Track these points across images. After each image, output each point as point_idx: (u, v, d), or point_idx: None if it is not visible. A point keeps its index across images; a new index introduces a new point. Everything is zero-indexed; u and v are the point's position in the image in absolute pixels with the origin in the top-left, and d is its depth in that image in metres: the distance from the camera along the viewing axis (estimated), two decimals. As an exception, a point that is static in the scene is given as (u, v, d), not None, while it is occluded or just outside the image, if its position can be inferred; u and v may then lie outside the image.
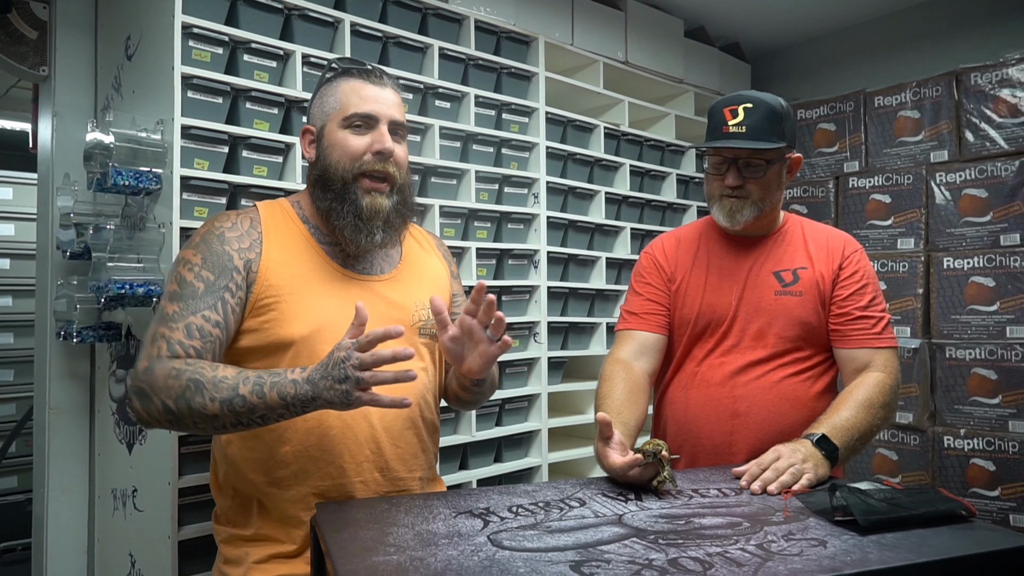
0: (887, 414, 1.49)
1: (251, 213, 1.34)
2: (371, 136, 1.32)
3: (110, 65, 2.05)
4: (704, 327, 1.60)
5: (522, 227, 2.55)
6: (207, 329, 1.22)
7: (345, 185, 1.31)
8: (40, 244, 2.16)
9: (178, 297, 1.23)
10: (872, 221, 2.88)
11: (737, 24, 3.34)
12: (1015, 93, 2.59)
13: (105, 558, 2.04)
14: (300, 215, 1.37)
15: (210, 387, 1.13)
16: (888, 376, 1.51)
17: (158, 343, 1.20)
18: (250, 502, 1.31)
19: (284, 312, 1.26)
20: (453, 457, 2.28)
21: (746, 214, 1.55)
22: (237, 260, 1.26)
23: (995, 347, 2.52)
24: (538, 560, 0.95)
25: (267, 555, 1.28)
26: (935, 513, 1.09)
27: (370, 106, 1.32)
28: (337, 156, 1.31)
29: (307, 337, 1.26)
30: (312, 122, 1.36)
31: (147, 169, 1.72)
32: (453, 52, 2.32)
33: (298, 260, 1.30)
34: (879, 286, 1.61)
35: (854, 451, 1.42)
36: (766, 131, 1.49)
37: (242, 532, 1.31)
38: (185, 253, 1.28)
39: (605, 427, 1.31)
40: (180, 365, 1.16)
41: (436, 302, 1.25)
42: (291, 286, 1.28)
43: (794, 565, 0.92)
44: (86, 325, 1.91)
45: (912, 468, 2.67)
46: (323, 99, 1.35)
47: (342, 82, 1.35)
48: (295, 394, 1.12)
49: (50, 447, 2.06)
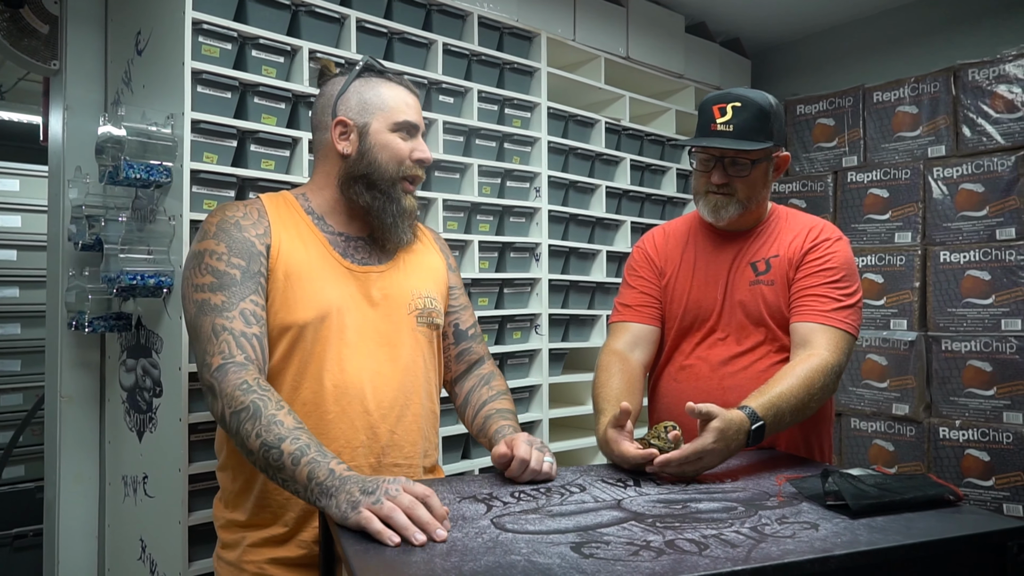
0: (823, 397, 1.44)
1: (256, 204, 1.37)
2: (412, 143, 1.39)
3: (120, 60, 2.08)
4: (692, 320, 1.63)
5: (524, 221, 2.58)
6: (259, 313, 1.27)
7: (393, 185, 1.38)
8: (51, 236, 2.19)
9: (219, 287, 1.25)
10: (870, 215, 2.91)
11: (738, 20, 3.36)
12: (1012, 89, 2.62)
13: (116, 543, 2.08)
14: (305, 207, 1.40)
15: (263, 422, 1.14)
16: (831, 356, 1.45)
17: (223, 336, 1.22)
18: (250, 484, 1.33)
19: (290, 298, 1.30)
20: (455, 447, 2.32)
21: (730, 211, 1.57)
22: (259, 246, 1.30)
23: (990, 340, 2.56)
24: (540, 542, 0.98)
25: (260, 539, 1.31)
26: (924, 498, 1.13)
27: (414, 116, 1.40)
28: (387, 158, 1.36)
29: (311, 322, 1.30)
30: (349, 116, 1.36)
31: (158, 162, 1.75)
32: (457, 48, 2.35)
33: (303, 248, 1.34)
34: (855, 276, 1.57)
35: (777, 431, 1.40)
36: (753, 131, 1.51)
37: (239, 518, 1.34)
38: (206, 244, 1.29)
39: (623, 415, 1.34)
40: (251, 382, 1.19)
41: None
42: (298, 273, 1.32)
43: (787, 546, 0.96)
44: (97, 315, 1.95)
45: (908, 459, 2.71)
46: (362, 96, 1.37)
47: (383, 85, 1.39)
48: (322, 481, 1.08)
49: (61, 435, 2.10)
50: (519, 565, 0.90)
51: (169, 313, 1.79)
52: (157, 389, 1.82)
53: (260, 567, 1.30)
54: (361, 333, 1.34)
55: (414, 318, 1.41)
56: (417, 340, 1.41)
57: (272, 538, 1.31)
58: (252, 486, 1.33)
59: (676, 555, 0.93)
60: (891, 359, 2.77)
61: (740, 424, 1.29)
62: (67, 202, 2.07)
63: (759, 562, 0.90)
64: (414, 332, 1.41)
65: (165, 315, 1.81)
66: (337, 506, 1.05)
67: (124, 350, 2.02)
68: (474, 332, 1.57)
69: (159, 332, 1.83)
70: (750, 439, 1.31)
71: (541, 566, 0.89)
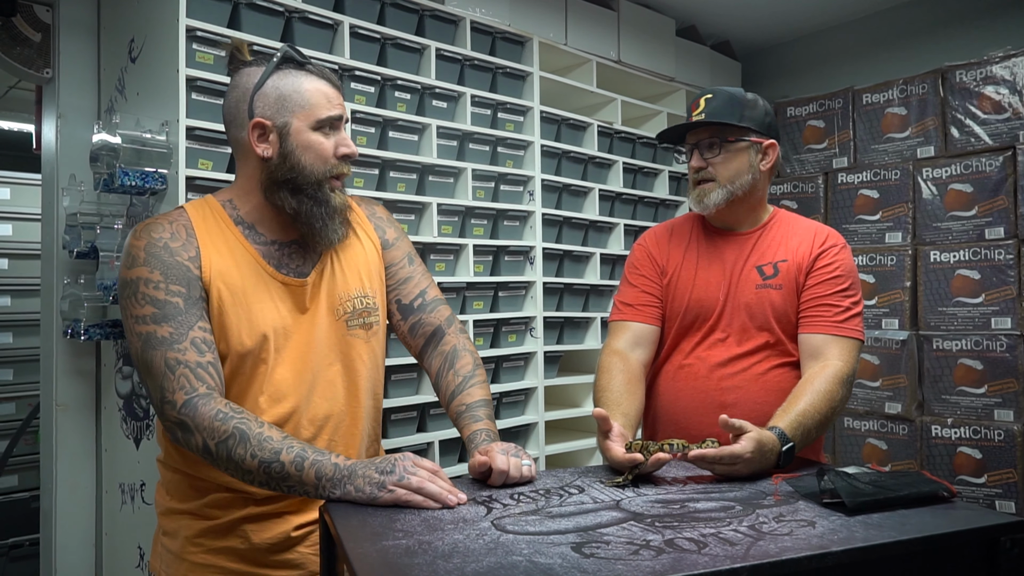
0: (842, 408, 1.49)
1: (182, 220, 1.28)
2: (336, 139, 1.32)
3: (113, 67, 2.08)
4: (692, 320, 1.64)
5: (518, 224, 2.59)
6: (208, 339, 1.22)
7: (319, 187, 1.31)
8: (45, 244, 2.19)
9: (163, 318, 1.20)
10: (860, 216, 2.93)
11: (728, 23, 3.39)
12: (999, 90, 2.65)
13: (114, 551, 2.08)
14: (234, 216, 1.32)
15: (254, 443, 1.15)
16: (846, 366, 1.51)
17: (180, 371, 1.19)
18: (191, 477, 1.32)
19: (226, 324, 1.26)
20: (452, 450, 2.33)
21: (714, 197, 1.60)
22: (193, 270, 1.24)
23: (980, 338, 2.59)
24: (541, 542, 0.99)
25: (201, 529, 1.30)
26: (918, 494, 1.14)
27: (336, 109, 1.31)
28: (311, 159, 1.29)
29: (249, 350, 1.27)
30: (266, 115, 1.27)
31: (152, 170, 1.75)
32: (449, 53, 2.36)
33: (236, 267, 1.29)
34: (858, 282, 1.61)
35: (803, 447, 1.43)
36: (723, 113, 1.58)
37: (178, 506, 1.32)
38: (138, 271, 1.22)
39: (602, 422, 1.35)
40: (225, 409, 1.18)
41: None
42: (231, 297, 1.27)
43: (784, 544, 0.97)
44: (93, 323, 1.95)
45: (901, 457, 2.73)
46: (281, 92, 1.28)
47: (303, 78, 1.30)
48: (331, 476, 1.14)
49: (57, 444, 2.10)
50: (521, 566, 0.90)
51: (165, 320, 1.79)
52: (154, 396, 1.82)
53: (202, 557, 1.29)
54: (295, 349, 1.31)
55: (344, 323, 1.37)
56: (351, 345, 1.38)
57: (212, 528, 1.29)
58: (193, 480, 1.31)
59: (676, 554, 0.94)
60: (883, 358, 2.79)
61: (773, 444, 1.32)
62: (61, 210, 2.07)
63: (758, 559, 0.91)
64: (346, 338, 1.37)
65: (161, 322, 1.81)
66: (359, 489, 1.12)
67: (120, 358, 2.02)
68: (421, 303, 1.49)
69: (155, 339, 1.83)
70: (780, 460, 1.33)
71: (543, 566, 0.90)
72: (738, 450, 1.27)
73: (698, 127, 1.61)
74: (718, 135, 1.59)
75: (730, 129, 1.59)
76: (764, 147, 1.62)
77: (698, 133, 1.63)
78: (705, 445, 1.30)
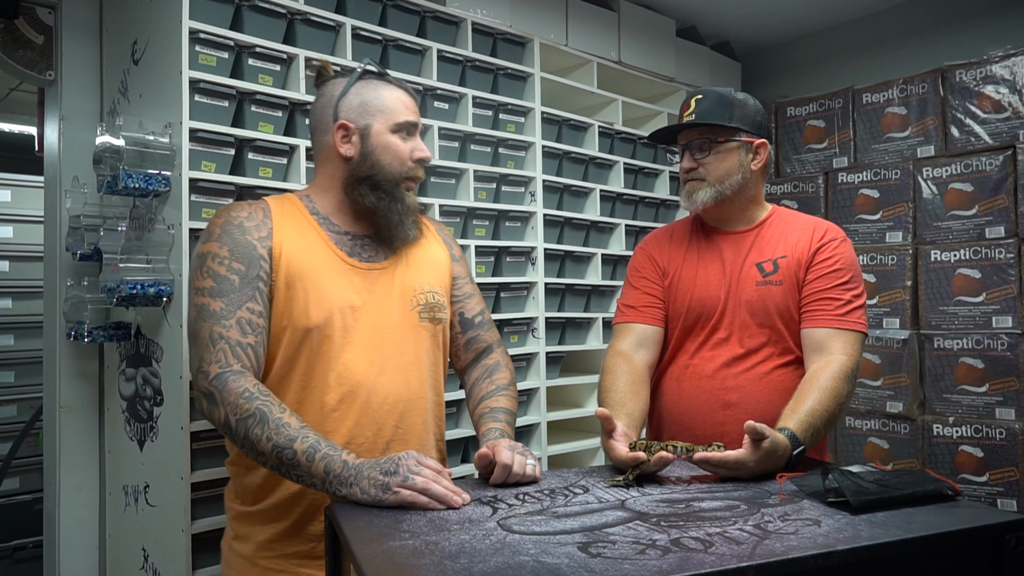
0: (848, 403, 1.50)
1: (261, 205, 1.39)
2: (412, 143, 1.43)
3: (116, 69, 2.08)
4: (695, 321, 1.65)
5: (519, 225, 2.59)
6: (255, 321, 1.30)
7: (396, 185, 1.41)
8: (48, 246, 2.19)
9: (218, 293, 1.28)
10: (861, 215, 2.94)
11: (727, 23, 3.39)
12: (999, 89, 2.65)
13: (117, 553, 2.08)
14: (310, 208, 1.42)
15: (272, 426, 1.20)
16: (849, 360, 1.51)
17: (220, 345, 1.26)
18: (259, 479, 1.35)
19: (293, 302, 1.33)
20: (455, 451, 2.33)
21: (701, 196, 1.62)
22: (260, 248, 1.32)
23: (981, 337, 2.59)
24: (547, 542, 0.99)
25: (272, 534, 1.34)
26: (922, 493, 1.15)
27: (413, 116, 1.43)
28: (389, 159, 1.40)
29: (315, 326, 1.33)
30: (349, 118, 1.39)
31: (156, 172, 1.76)
32: (451, 54, 2.37)
33: (308, 249, 1.37)
34: (860, 275, 1.61)
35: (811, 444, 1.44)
36: (712, 114, 1.60)
37: (248, 510, 1.37)
38: (209, 246, 1.32)
39: (606, 421, 1.36)
40: (252, 389, 1.23)
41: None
42: (300, 276, 1.34)
43: (790, 543, 0.97)
44: (96, 325, 1.95)
45: (903, 456, 2.73)
46: (363, 98, 1.40)
47: (383, 87, 1.42)
48: (339, 473, 1.17)
49: (61, 445, 2.10)
50: (528, 566, 0.91)
51: (169, 322, 1.80)
52: (158, 398, 1.82)
53: (275, 562, 1.34)
54: (365, 331, 1.37)
55: (416, 314, 1.43)
56: (420, 336, 1.43)
57: (282, 532, 1.34)
58: (261, 481, 1.35)
59: (682, 553, 0.94)
60: (884, 357, 2.79)
61: (784, 449, 1.33)
62: (64, 212, 2.07)
63: (764, 558, 0.91)
64: (417, 328, 1.43)
65: (165, 324, 1.81)
66: (364, 491, 1.14)
67: (123, 359, 2.03)
68: (481, 320, 1.59)
69: (159, 341, 1.84)
70: (790, 462, 1.34)
71: (550, 566, 0.90)
72: (743, 456, 1.28)
73: (688, 128, 1.63)
74: (708, 136, 1.61)
75: (720, 130, 1.60)
76: (755, 146, 1.63)
77: (689, 134, 1.65)
78: (711, 449, 1.31)
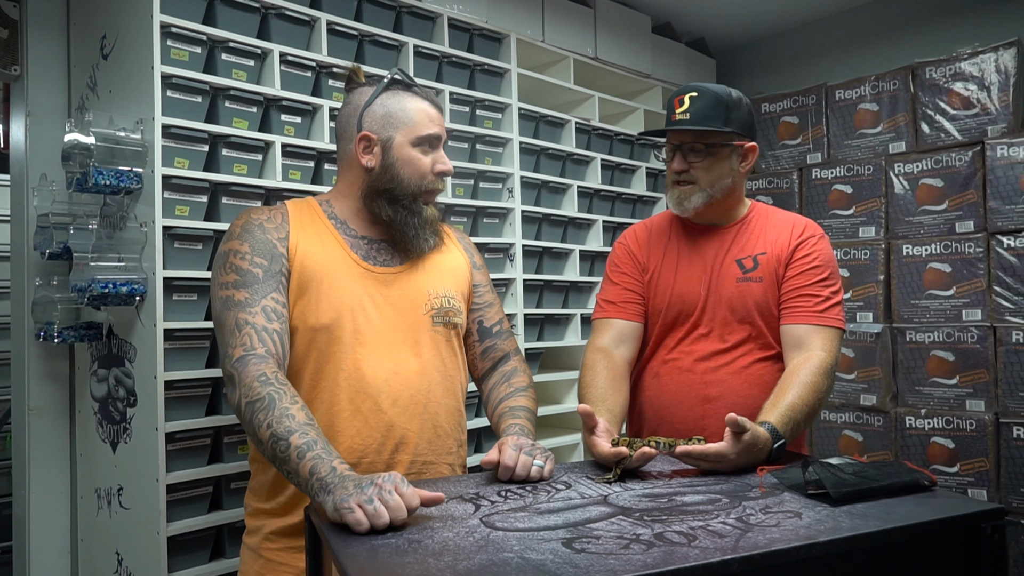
0: (827, 397, 1.51)
1: (280, 209, 1.41)
2: (433, 156, 1.42)
3: (84, 64, 2.04)
4: (675, 316, 1.65)
5: (497, 221, 2.59)
6: (279, 310, 1.31)
7: (414, 200, 1.41)
8: (15, 245, 2.14)
9: (242, 284, 1.30)
10: (835, 211, 2.97)
11: (703, 20, 3.42)
12: (967, 86, 2.70)
13: (90, 557, 2.04)
14: (328, 212, 1.44)
15: (275, 415, 1.17)
16: (828, 356, 1.52)
17: (245, 330, 1.26)
18: (273, 474, 1.37)
19: (306, 300, 1.34)
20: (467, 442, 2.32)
21: (694, 201, 1.60)
22: (280, 248, 1.34)
23: (952, 330, 2.63)
24: (531, 539, 0.99)
25: (280, 527, 1.36)
26: (900, 484, 1.16)
27: (436, 129, 1.43)
28: (408, 173, 1.40)
29: (325, 326, 1.34)
30: (372, 129, 1.39)
31: (128, 168, 1.72)
32: (427, 50, 2.35)
33: (322, 250, 1.38)
34: (837, 272, 1.63)
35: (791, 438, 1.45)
36: (708, 117, 1.56)
37: (262, 505, 1.39)
38: (231, 244, 1.34)
39: (588, 418, 1.36)
40: (270, 374, 1.22)
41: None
42: (313, 275, 1.35)
43: (772, 535, 0.98)
44: (66, 325, 1.91)
45: (876, 448, 2.77)
46: (388, 109, 1.40)
47: (408, 99, 1.41)
48: (323, 477, 1.09)
49: (30, 448, 2.05)
50: (512, 562, 0.90)
51: (142, 321, 1.76)
52: (131, 399, 1.79)
53: (277, 554, 1.35)
54: (377, 333, 1.37)
55: (430, 318, 1.43)
56: (434, 339, 1.43)
57: (289, 527, 1.35)
58: (274, 478, 1.36)
59: (666, 547, 0.94)
60: (858, 351, 2.83)
61: (765, 443, 1.33)
62: (32, 210, 2.03)
63: (748, 551, 0.92)
64: (430, 332, 1.43)
65: (138, 323, 1.78)
66: (334, 503, 1.06)
67: (95, 360, 1.99)
68: (499, 329, 1.59)
69: (132, 341, 1.80)
70: (771, 456, 1.35)
71: (535, 562, 0.90)
72: (725, 449, 1.28)
73: (684, 130, 1.58)
74: (704, 140, 1.58)
75: (716, 135, 1.57)
76: (745, 150, 1.63)
77: (682, 135, 1.60)
78: (692, 442, 1.31)
